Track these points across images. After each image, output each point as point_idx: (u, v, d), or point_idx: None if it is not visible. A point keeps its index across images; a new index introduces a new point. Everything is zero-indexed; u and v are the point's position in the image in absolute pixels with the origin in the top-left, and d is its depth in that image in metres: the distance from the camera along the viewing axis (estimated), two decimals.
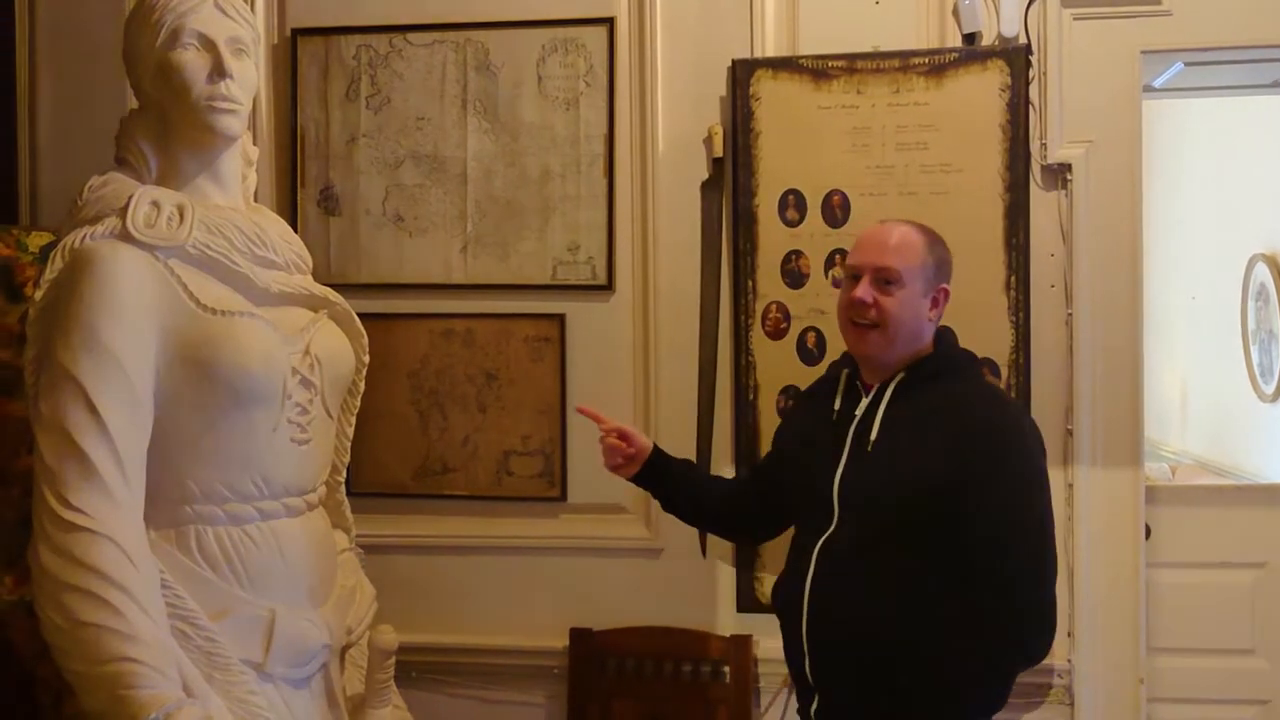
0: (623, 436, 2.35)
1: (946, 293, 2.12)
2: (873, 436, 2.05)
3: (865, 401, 2.10)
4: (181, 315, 1.86)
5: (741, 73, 2.73)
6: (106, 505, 1.72)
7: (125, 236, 1.84)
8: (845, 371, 2.18)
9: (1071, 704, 2.69)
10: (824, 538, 2.06)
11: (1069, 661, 2.68)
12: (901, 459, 2.01)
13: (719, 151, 2.76)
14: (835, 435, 2.12)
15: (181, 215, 1.90)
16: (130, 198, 1.87)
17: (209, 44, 1.94)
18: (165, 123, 1.99)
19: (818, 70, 2.71)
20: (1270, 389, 4.81)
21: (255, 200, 2.27)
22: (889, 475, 2.02)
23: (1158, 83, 2.92)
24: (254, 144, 2.27)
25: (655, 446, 2.39)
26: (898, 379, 2.08)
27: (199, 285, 1.89)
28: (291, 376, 1.96)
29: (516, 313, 2.86)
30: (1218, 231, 5.37)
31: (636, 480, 2.39)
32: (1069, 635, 2.68)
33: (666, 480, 2.39)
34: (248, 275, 1.95)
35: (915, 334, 2.09)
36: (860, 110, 2.69)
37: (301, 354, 1.99)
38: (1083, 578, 2.66)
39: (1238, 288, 5.15)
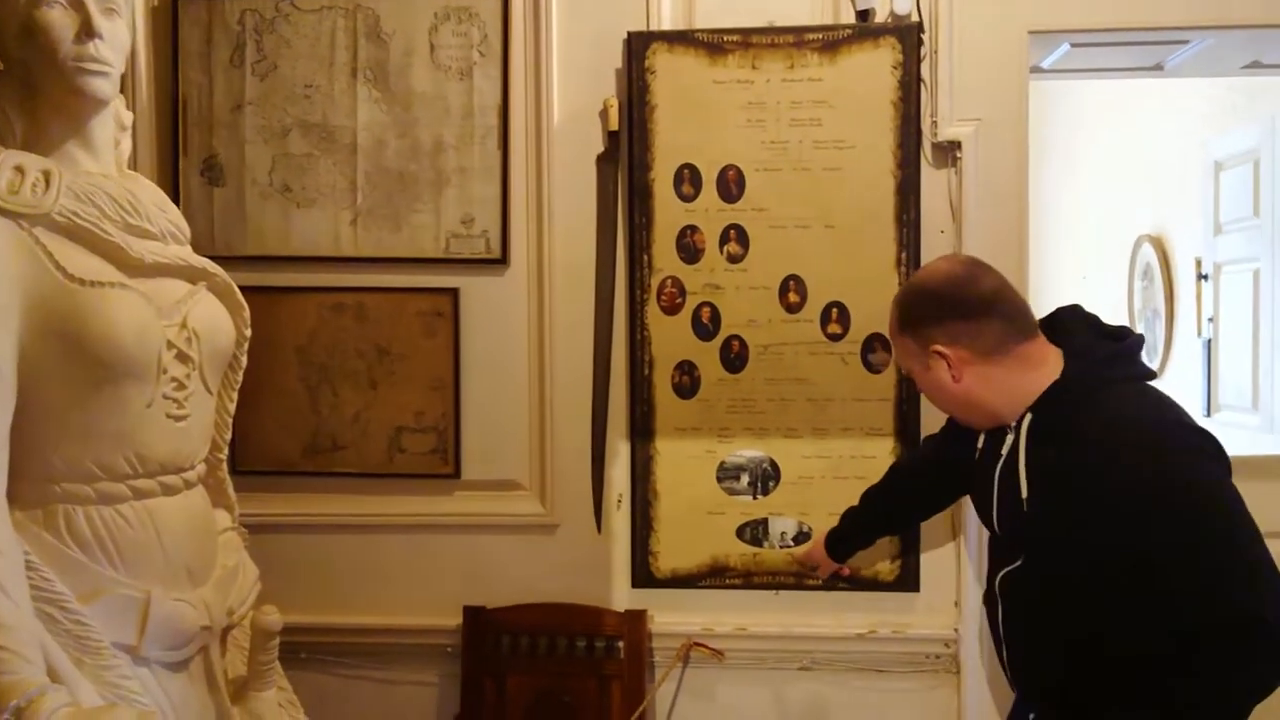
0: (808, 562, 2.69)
1: (939, 353, 1.94)
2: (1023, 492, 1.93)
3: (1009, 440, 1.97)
4: (47, 286, 1.78)
5: (637, 45, 2.71)
6: None
7: None
8: None
9: (957, 672, 2.75)
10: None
11: (955, 631, 2.74)
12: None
13: (615, 125, 2.74)
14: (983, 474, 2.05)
15: (48, 182, 1.83)
16: None
17: (76, 2, 1.86)
18: (31, 85, 1.90)
19: (713, 44, 2.69)
20: (1155, 365, 4.95)
21: (133, 169, 2.19)
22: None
23: (1046, 63, 2.97)
24: (130, 109, 2.18)
25: (827, 535, 2.62)
26: (1027, 420, 1.93)
27: (66, 255, 1.82)
28: (167, 350, 1.90)
29: (409, 286, 2.80)
30: (1108, 212, 5.52)
31: (848, 557, 2.64)
32: (955, 605, 2.74)
33: (860, 540, 2.61)
34: (120, 245, 1.88)
35: (964, 400, 1.97)
36: (755, 85, 2.69)
37: (178, 327, 1.93)
38: (970, 546, 2.71)
39: (1125, 267, 5.30)
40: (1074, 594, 1.86)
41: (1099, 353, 1.91)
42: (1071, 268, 5.85)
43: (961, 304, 1.94)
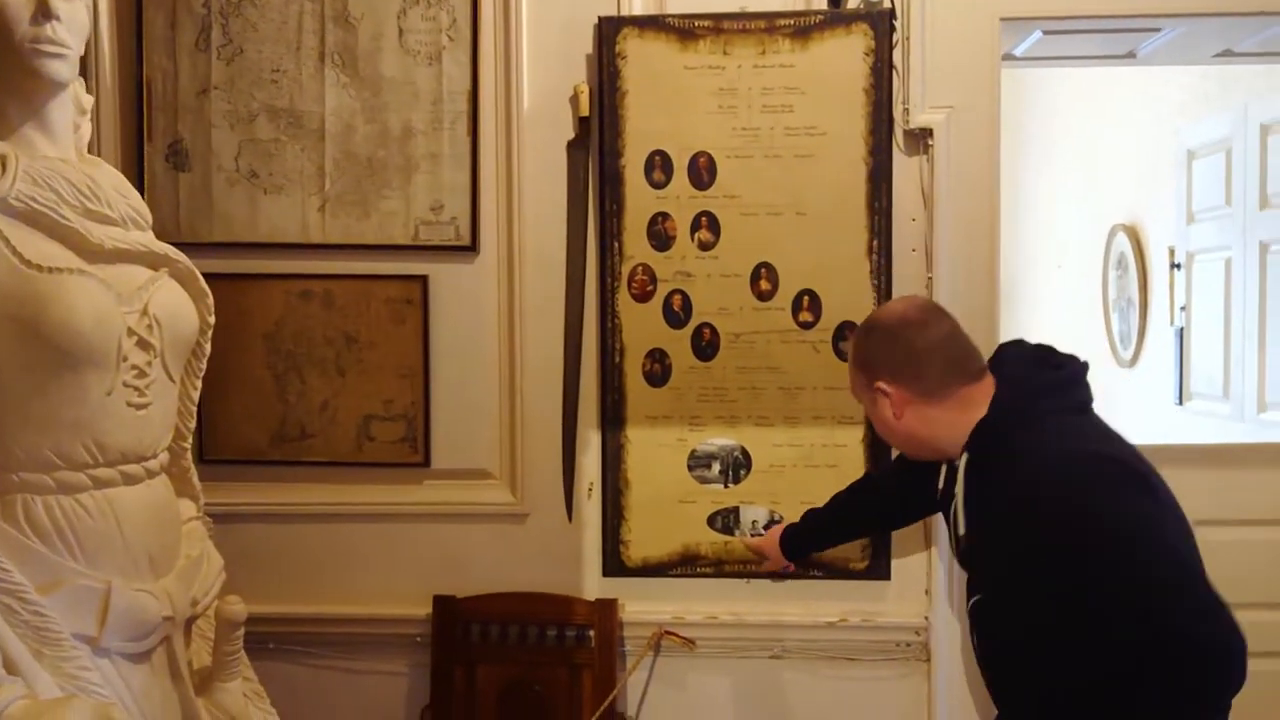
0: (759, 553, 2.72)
1: (881, 390, 2.01)
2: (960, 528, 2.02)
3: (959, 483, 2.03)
4: (3, 272, 1.75)
5: (607, 30, 2.69)
6: None
7: None
8: None
9: (928, 660, 2.75)
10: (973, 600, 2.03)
11: (925, 619, 2.74)
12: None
13: (585, 111, 2.72)
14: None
15: (3, 166, 1.79)
16: None
17: None
18: None
19: (684, 30, 2.68)
20: (1128, 355, 4.98)
21: (97, 154, 2.16)
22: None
23: (1018, 51, 2.96)
24: (91, 93, 2.15)
25: (784, 530, 2.64)
26: (964, 460, 1.99)
27: (24, 241, 1.78)
28: (128, 337, 1.87)
29: (377, 274, 2.78)
30: (1083, 202, 5.52)
31: (800, 556, 2.68)
32: (926, 593, 2.75)
33: (812, 543, 2.65)
34: (78, 230, 1.84)
35: (906, 436, 2.04)
36: (726, 71, 2.68)
37: (139, 314, 1.90)
38: (941, 536, 2.71)
39: (1100, 257, 5.30)
40: (1026, 626, 1.88)
41: (1026, 386, 1.94)
42: (1046, 257, 5.86)
43: (907, 347, 2.00)
